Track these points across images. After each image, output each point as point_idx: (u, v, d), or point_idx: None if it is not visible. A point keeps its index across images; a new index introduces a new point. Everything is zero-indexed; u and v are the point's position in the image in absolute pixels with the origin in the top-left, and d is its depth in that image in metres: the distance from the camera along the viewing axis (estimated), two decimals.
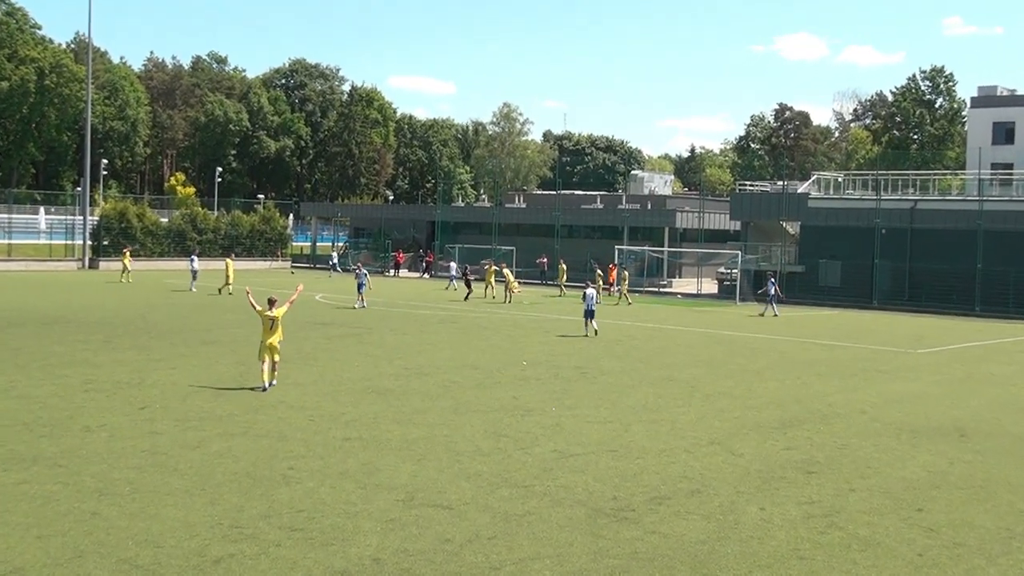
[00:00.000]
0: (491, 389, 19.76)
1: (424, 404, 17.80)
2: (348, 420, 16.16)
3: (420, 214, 79.91)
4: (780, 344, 31.15)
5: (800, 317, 43.89)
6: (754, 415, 18.01)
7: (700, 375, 22.99)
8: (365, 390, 19.09)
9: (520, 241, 68.02)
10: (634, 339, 31.04)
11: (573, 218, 68.15)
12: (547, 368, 23.15)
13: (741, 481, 13.16)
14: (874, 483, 13.40)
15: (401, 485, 12.31)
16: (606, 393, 19.82)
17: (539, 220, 69.92)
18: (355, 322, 32.76)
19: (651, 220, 64.25)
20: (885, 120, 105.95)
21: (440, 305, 42.06)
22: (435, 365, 22.99)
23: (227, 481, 12.24)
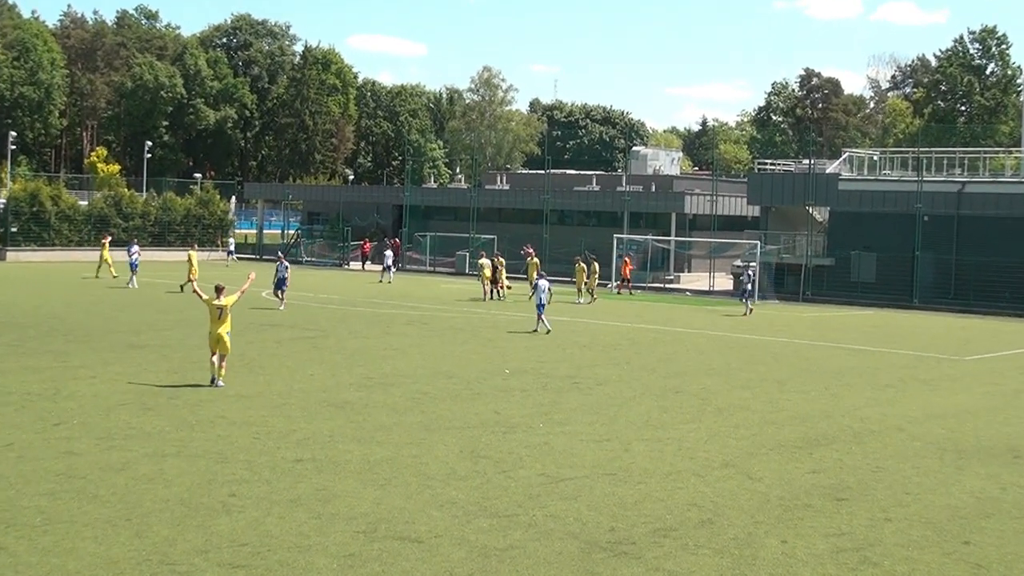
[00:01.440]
0: (468, 402, 19.77)
1: (389, 419, 17.78)
2: (300, 438, 16.12)
3: (385, 197, 79.91)
4: (805, 349, 31.29)
5: (829, 318, 44.11)
6: (775, 432, 18.09)
7: (712, 385, 23.08)
8: (320, 403, 19.06)
9: (502, 229, 68.12)
10: (635, 343, 31.12)
11: (565, 202, 68.31)
12: (534, 377, 23.18)
13: (760, 510, 13.21)
14: (913, 511, 13.48)
15: (362, 514, 12.29)
16: (602, 406, 19.85)
17: (525, 204, 70.03)
18: (308, 323, 32.70)
19: (656, 205, 64.50)
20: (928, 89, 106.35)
21: (409, 304, 42.07)
22: (402, 374, 22.98)
23: (157, 510, 12.18)
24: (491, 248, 64.50)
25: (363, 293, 46.80)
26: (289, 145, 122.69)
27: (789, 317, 43.78)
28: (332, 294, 45.65)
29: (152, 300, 38.98)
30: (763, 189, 57.23)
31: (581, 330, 34.39)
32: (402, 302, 42.54)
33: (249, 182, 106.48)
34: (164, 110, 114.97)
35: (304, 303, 40.24)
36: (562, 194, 68.57)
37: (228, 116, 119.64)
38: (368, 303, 41.48)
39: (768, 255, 54.43)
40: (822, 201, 55.21)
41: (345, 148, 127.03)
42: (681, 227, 64.29)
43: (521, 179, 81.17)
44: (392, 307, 39.88)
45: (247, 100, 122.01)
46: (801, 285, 53.15)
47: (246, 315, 33.42)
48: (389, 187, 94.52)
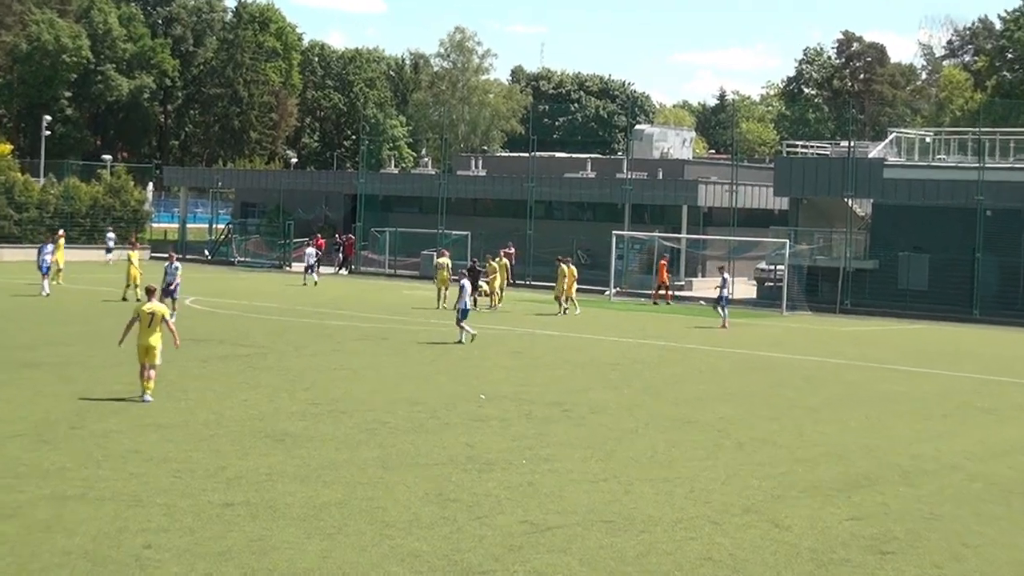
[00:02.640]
0: (435, 433, 19.75)
1: (340, 455, 17.75)
2: (231, 477, 16.07)
3: (336, 184, 79.96)
4: (843, 371, 31.42)
5: (871, 333, 44.31)
6: (807, 472, 18.14)
7: (731, 414, 23.14)
8: (255, 434, 19.01)
9: (478, 224, 68.17)
10: (637, 362, 31.17)
11: (553, 191, 68.49)
12: (515, 404, 23.19)
13: (788, 565, 13.24)
14: (973, 566, 13.54)
15: (305, 571, 12.25)
16: (598, 440, 19.87)
17: (505, 193, 70.17)
18: (241, 338, 32.63)
19: (663, 195, 64.75)
20: (991, 57, 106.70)
21: (364, 314, 42.04)
22: (356, 399, 22.95)
23: (56, 564, 12.10)
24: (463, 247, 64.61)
25: (308, 300, 46.72)
26: (219, 121, 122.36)
27: (823, 331, 43.92)
28: (270, 302, 45.52)
29: (55, 309, 38.76)
30: (793, 177, 57.52)
31: (572, 346, 34.42)
32: (356, 312, 42.47)
33: (170, 166, 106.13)
34: (66, 78, 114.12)
35: (236, 313, 40.11)
36: (550, 182, 68.75)
37: (144, 86, 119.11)
38: (314, 313, 41.40)
39: (798, 256, 54.69)
40: (864, 192, 55.52)
41: (287, 125, 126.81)
42: (694, 222, 64.56)
43: (501, 163, 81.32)
44: (343, 318, 39.83)
45: (168, 66, 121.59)
46: (838, 293, 53.42)
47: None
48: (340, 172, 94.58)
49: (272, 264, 69.98)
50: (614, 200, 66.16)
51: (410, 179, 78.70)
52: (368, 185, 72.86)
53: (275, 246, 72.21)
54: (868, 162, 55.76)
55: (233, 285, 52.13)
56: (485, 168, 78.19)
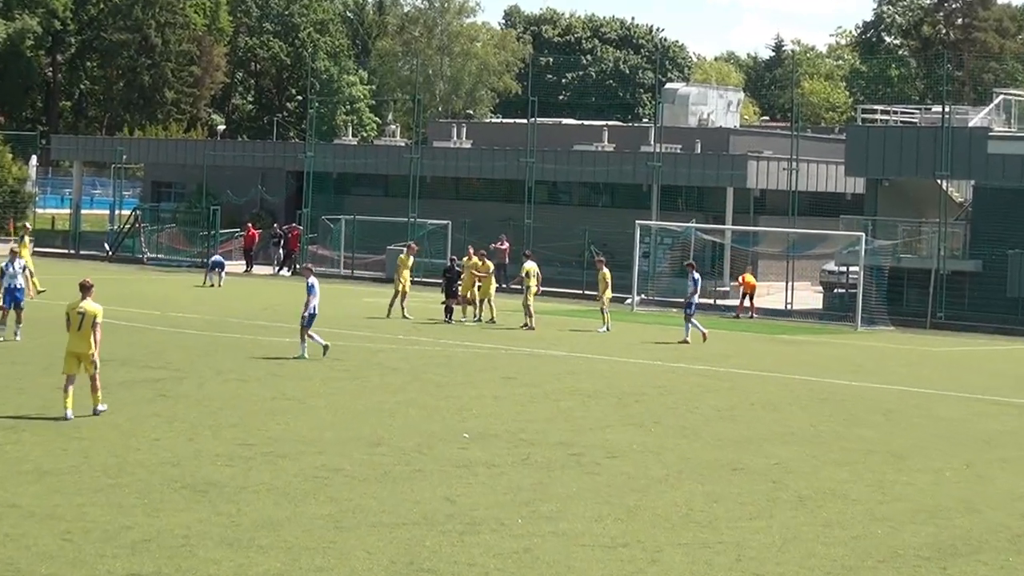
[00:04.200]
0: (404, 483, 19.68)
1: (280, 511, 17.67)
2: (137, 540, 16.00)
3: (276, 158, 79.92)
4: (936, 403, 31.38)
5: (972, 354, 44.27)
6: (889, 535, 18.08)
7: (790, 459, 23.09)
8: (169, 484, 18.93)
9: (461, 209, 68.19)
10: (669, 391, 31.12)
11: (559, 168, 68.53)
12: (509, 445, 23.13)
13: None
14: None
15: None
16: (616, 492, 19.81)
17: (496, 171, 70.19)
18: (151, 358, 32.55)
19: (702, 174, 64.78)
20: None
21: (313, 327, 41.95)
22: (301, 438, 22.87)
23: None
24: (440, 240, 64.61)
25: (237, 309, 46.62)
26: (123, 76, 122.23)
27: (910, 352, 43.90)
28: (189, 311, 45.44)
29: None
30: (870, 151, 57.54)
31: (582, 370, 34.37)
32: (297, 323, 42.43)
33: (59, 134, 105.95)
34: None
35: (144, 326, 40.04)
36: (555, 156, 68.78)
37: (27, 29, 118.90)
38: (247, 326, 41.31)
39: (877, 255, 54.71)
40: (962, 171, 55.57)
41: (212, 82, 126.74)
42: (742, 209, 64.56)
43: (491, 132, 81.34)
44: (284, 332, 39.77)
45: (57, 4, 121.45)
46: (930, 302, 53.44)
47: (44, 349, 33.25)
48: (282, 144, 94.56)
49: (193, 262, 69.89)
50: (638, 180, 66.17)
51: (373, 152, 78.64)
52: (318, 160, 72.84)
53: (196, 239, 72.20)
54: (968, 132, 55.79)
55: (141, 290, 52.06)
56: (470, 138, 78.10)
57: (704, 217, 63.75)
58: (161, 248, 73.05)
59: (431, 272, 59.90)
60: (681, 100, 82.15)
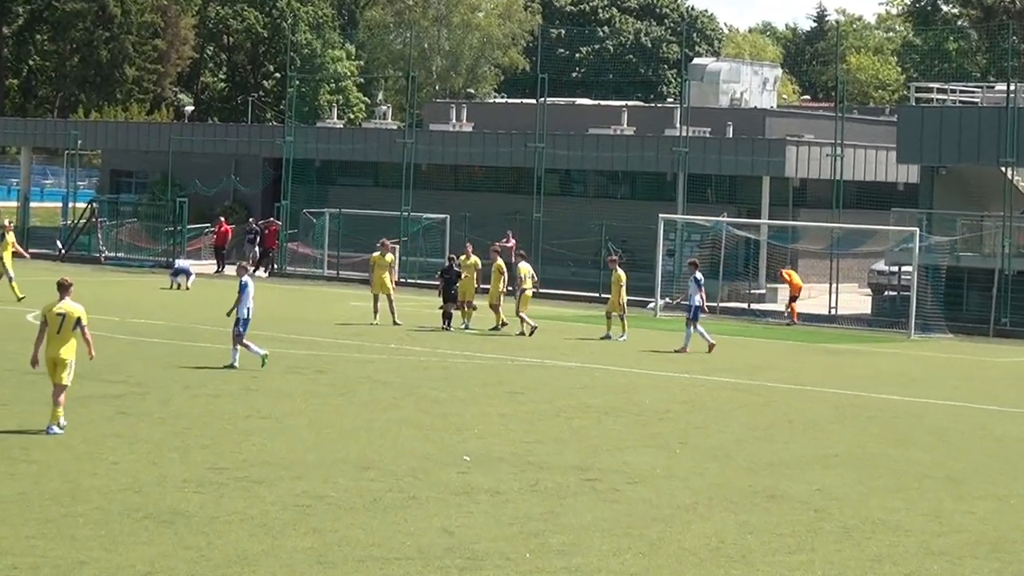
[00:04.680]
0: (398, 513, 19.66)
1: (256, 544, 17.66)
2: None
3: (251, 144, 79.72)
4: (1000, 421, 31.32)
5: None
6: (948, 569, 18.04)
7: (835, 485, 23.06)
8: (131, 514, 18.91)
9: (461, 202, 68.07)
10: (697, 407, 31.08)
11: (572, 155, 68.35)
12: (515, 469, 23.10)
13: None
14: None
15: None
16: (638, 522, 19.79)
17: (501, 158, 70.03)
18: (111, 370, 32.47)
19: (734, 161, 64.58)
20: None
21: (293, 335, 42.07)
22: (279, 461, 22.85)
23: None
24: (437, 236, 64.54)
25: (208, 315, 46.54)
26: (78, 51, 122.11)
27: (969, 363, 43.82)
28: (154, 317, 45.41)
29: None
30: (925, 135, 57.41)
31: (598, 385, 34.37)
32: (279, 332, 42.43)
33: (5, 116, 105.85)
34: None
35: (103, 335, 39.92)
36: (568, 141, 68.64)
37: None
38: (218, 334, 41.20)
39: (934, 253, 54.60)
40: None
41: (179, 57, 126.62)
42: (779, 201, 64.43)
43: (495, 114, 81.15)
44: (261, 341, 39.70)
45: None
46: (992, 307, 53.33)
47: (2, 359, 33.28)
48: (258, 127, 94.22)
49: (157, 263, 69.81)
50: (662, 168, 66.06)
51: (361, 137, 78.51)
52: (299, 146, 72.69)
53: (161, 236, 72.12)
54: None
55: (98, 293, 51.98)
56: (471, 121, 78.03)
57: (737, 210, 63.69)
58: (121, 246, 72.90)
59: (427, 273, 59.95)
60: (710, 77, 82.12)
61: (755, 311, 57.31)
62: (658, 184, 66.67)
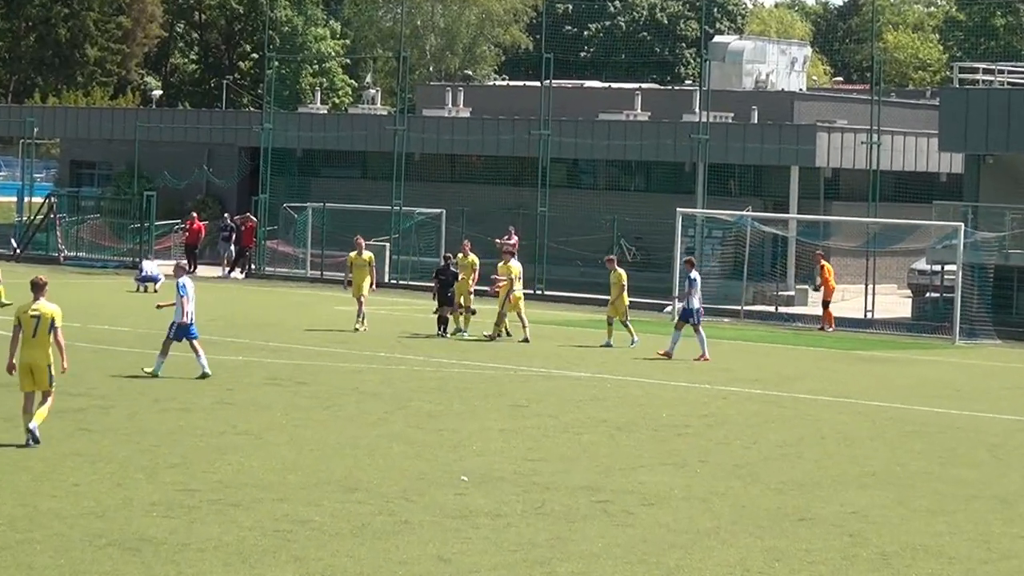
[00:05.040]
0: (388, 539, 19.65)
1: (230, 574, 17.64)
2: None
3: (226, 132, 79.77)
4: None
5: None
6: None
7: (872, 506, 23.05)
8: (93, 540, 18.88)
9: (458, 195, 68.06)
10: (719, 421, 31.08)
11: (581, 143, 68.39)
12: (519, 490, 23.09)
13: None
14: None
15: None
16: (654, 548, 19.78)
17: (503, 147, 70.03)
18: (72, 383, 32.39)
19: (760, 149, 64.55)
20: None
21: (272, 343, 42.06)
22: (258, 482, 22.84)
23: None
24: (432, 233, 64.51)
25: None
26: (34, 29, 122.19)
27: (1021, 372, 43.77)
28: (118, 323, 45.42)
29: None
30: (970, 121, 57.36)
31: (611, 396, 34.39)
32: (257, 339, 42.50)
33: None
34: None
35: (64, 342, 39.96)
36: (576, 128, 68.71)
37: None
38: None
39: (979, 250, 54.55)
40: None
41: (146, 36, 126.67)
42: (810, 194, 64.43)
43: (495, 98, 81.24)
44: (237, 349, 39.72)
45: None
46: None
47: None
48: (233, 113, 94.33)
49: (121, 263, 69.78)
50: (679, 158, 66.08)
51: (347, 123, 78.57)
52: (279, 134, 72.68)
53: (126, 233, 72.07)
54: None
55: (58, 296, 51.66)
56: (469, 106, 78.13)
57: (762, 204, 63.70)
58: (82, 245, 72.88)
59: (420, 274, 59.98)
60: (733, 57, 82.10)
61: (783, 315, 57.19)
62: (676, 175, 66.69)
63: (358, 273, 46.79)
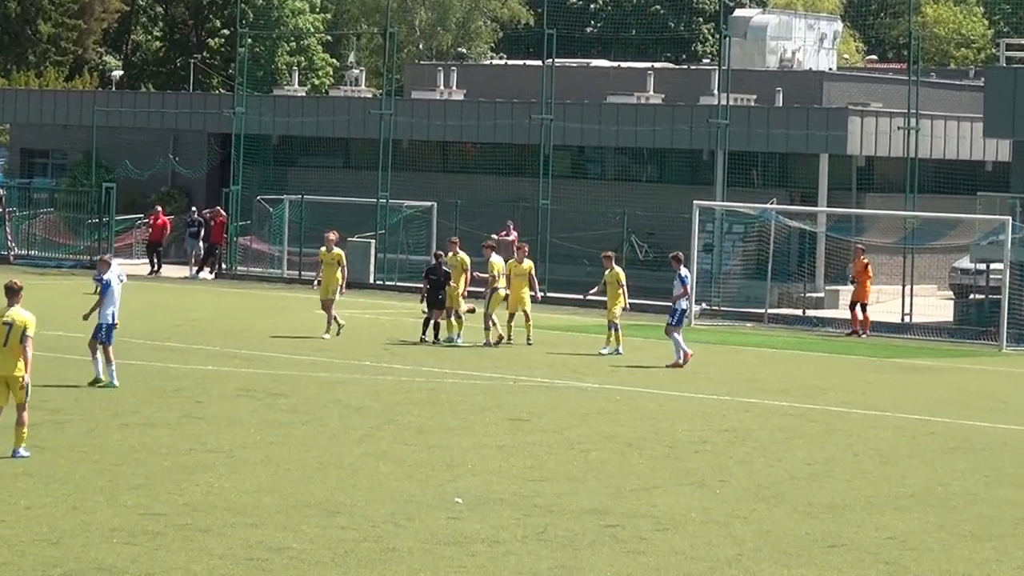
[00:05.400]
0: (374, 567, 19.64)
1: None
2: None
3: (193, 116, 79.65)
4: None
5: None
6: None
7: (910, 531, 23.04)
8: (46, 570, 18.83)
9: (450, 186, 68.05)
10: (740, 437, 31.10)
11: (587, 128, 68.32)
12: (519, 514, 23.07)
13: None
14: None
15: None
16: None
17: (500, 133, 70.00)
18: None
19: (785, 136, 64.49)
20: None
21: (244, 350, 42.06)
22: (229, 506, 22.81)
23: None
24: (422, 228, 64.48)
25: (140, 326, 46.52)
26: None
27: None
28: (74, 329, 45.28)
29: None
30: (1018, 104, 57.36)
31: (623, 409, 34.39)
32: (228, 347, 42.52)
33: None
34: None
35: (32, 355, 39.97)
36: (581, 112, 68.68)
37: None
38: (153, 348, 41.25)
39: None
40: None
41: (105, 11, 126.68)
42: (841, 185, 64.37)
43: (491, 79, 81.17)
44: (206, 357, 39.71)
45: None
46: None
47: None
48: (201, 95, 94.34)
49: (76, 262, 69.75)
50: (696, 145, 66.07)
51: (328, 107, 78.55)
52: (252, 118, 72.64)
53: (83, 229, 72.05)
54: None
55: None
56: (463, 87, 78.09)
57: (788, 196, 63.65)
58: (34, 242, 72.91)
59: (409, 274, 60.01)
60: (756, 33, 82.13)
61: (812, 319, 57.18)
62: (692, 164, 66.68)
63: (327, 273, 46.73)
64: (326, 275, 46.78)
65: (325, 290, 46.67)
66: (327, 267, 46.91)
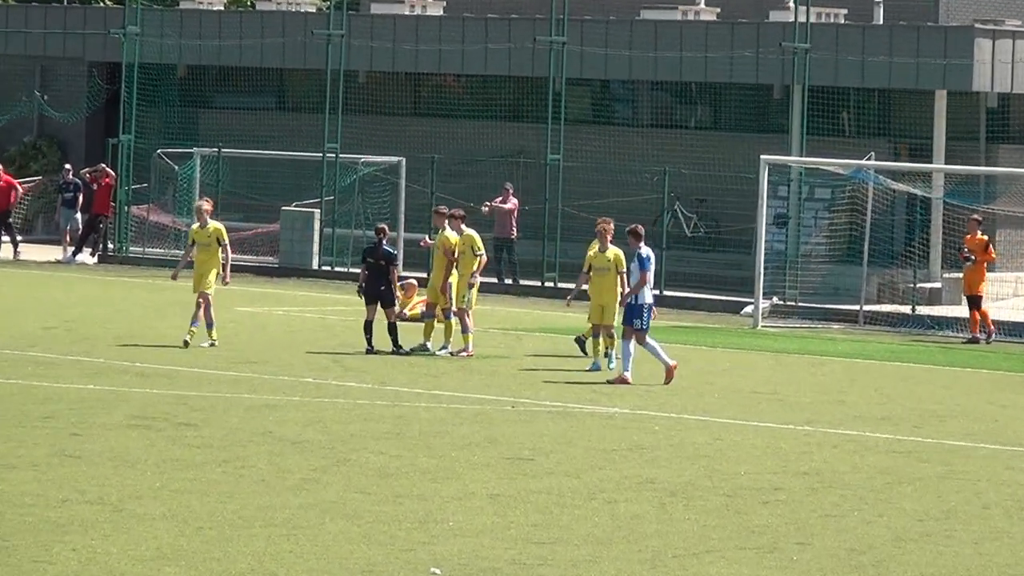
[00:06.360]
0: None
1: None
2: None
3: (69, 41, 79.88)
4: None
5: None
6: None
7: None
8: None
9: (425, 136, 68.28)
10: (823, 485, 31.16)
11: (613, 56, 68.42)
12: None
13: None
14: None
15: None
16: None
17: (493, 63, 70.15)
18: None
19: (886, 65, 64.62)
20: None
21: (140, 361, 42.12)
22: None
23: None
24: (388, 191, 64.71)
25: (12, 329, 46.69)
26: None
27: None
28: None
29: None
30: None
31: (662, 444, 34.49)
32: (118, 357, 42.62)
33: None
34: None
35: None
36: (605, 32, 68.76)
37: None
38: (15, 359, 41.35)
39: None
40: None
41: None
42: (965, 134, 64.60)
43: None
44: (90, 371, 39.83)
45: None
46: None
47: None
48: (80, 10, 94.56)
49: None
50: (765, 79, 66.22)
51: (255, 24, 78.66)
52: (149, 43, 72.83)
53: None
54: None
55: None
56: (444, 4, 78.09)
57: (892, 149, 63.84)
58: None
59: None
60: None
61: (924, 318, 57.31)
62: (759, 105, 67.03)
63: (202, 257, 46.36)
64: (200, 260, 46.26)
65: (199, 280, 46.11)
66: (201, 249, 46.27)
